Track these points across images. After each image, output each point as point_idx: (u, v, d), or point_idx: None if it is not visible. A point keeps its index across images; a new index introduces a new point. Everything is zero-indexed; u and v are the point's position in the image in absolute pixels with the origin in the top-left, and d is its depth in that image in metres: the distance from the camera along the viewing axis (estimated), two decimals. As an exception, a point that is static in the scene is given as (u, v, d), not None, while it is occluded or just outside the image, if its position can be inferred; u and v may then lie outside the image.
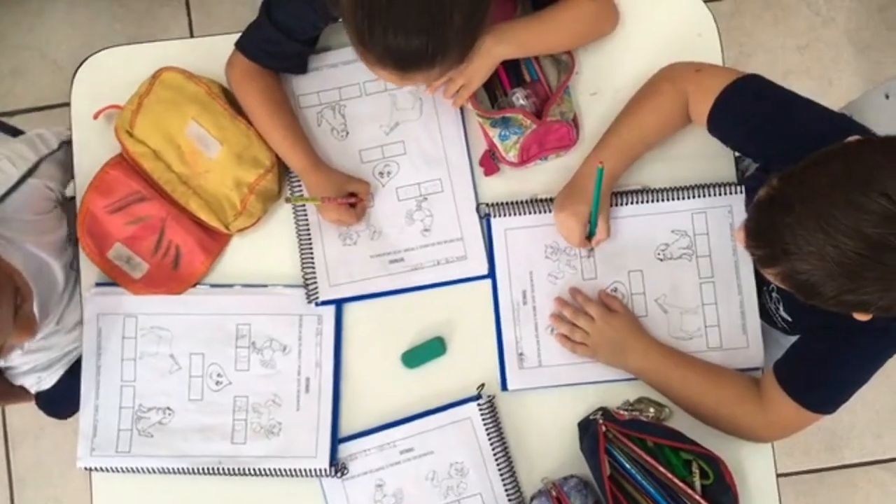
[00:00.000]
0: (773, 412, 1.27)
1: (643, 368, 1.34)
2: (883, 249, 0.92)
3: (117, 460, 1.38)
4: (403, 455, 1.37)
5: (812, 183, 0.97)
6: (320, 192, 1.36)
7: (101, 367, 1.41)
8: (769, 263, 1.02)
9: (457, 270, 1.40)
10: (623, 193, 1.40)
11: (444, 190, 1.41)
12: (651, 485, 1.30)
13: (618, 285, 1.40)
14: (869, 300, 0.97)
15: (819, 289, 0.98)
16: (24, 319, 1.21)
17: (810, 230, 0.95)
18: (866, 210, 0.92)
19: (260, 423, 1.38)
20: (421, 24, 1.10)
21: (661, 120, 1.34)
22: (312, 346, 1.39)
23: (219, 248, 1.42)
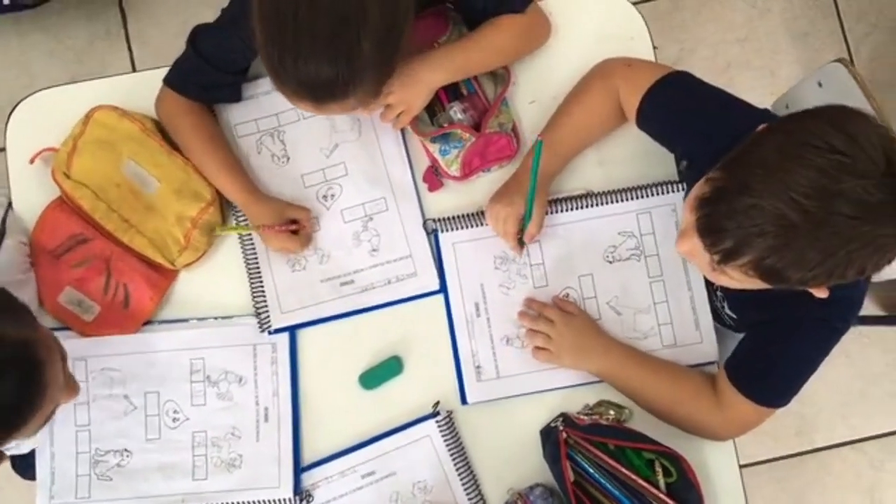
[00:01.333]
0: (729, 410, 1.28)
1: (605, 368, 1.34)
2: (841, 200, 0.92)
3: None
4: (366, 479, 1.36)
5: (760, 158, 0.97)
6: (261, 221, 1.36)
7: (55, 412, 1.38)
8: (736, 254, 1.00)
9: (408, 288, 1.40)
10: (567, 199, 1.41)
11: (388, 209, 1.41)
12: (616, 487, 1.30)
13: (570, 290, 1.40)
14: (841, 270, 0.96)
15: (787, 273, 0.98)
16: (70, 379, 1.17)
17: (776, 198, 0.94)
18: (813, 166, 0.93)
19: (220, 458, 1.36)
20: (329, 54, 1.09)
21: (593, 116, 1.35)
22: (268, 375, 1.38)
23: (167, 284, 1.41)
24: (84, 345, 1.39)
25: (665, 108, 1.29)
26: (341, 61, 1.10)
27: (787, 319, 1.19)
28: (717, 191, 1.01)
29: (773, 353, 1.24)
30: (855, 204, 0.92)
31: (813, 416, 2.36)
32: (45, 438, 1.39)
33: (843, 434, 2.36)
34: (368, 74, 1.13)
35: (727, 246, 1.00)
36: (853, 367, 2.37)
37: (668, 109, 1.29)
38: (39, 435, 1.39)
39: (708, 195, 1.02)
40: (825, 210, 0.93)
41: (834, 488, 2.34)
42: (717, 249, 1.01)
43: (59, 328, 1.40)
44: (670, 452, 1.29)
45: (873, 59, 2.49)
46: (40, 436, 1.39)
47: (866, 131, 0.94)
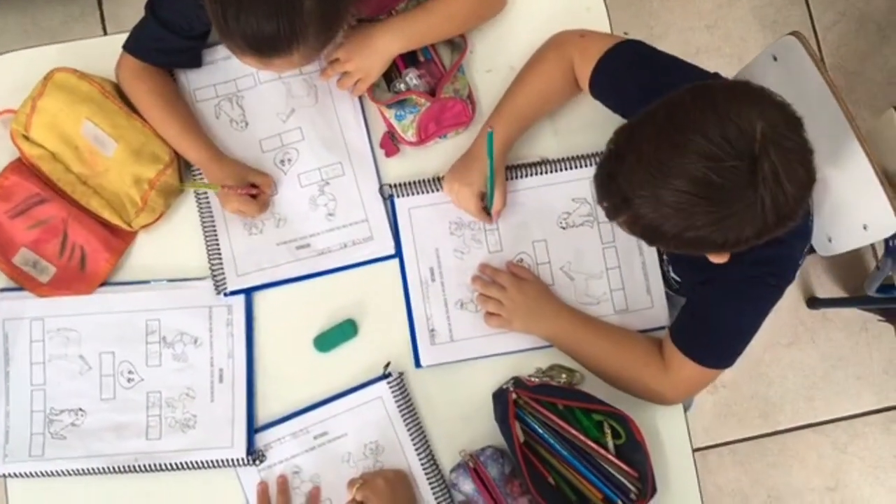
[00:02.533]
0: (675, 373, 1.30)
1: (555, 333, 1.36)
2: (707, 185, 0.97)
3: (31, 465, 1.36)
4: (318, 440, 1.37)
5: (640, 133, 1.03)
6: (222, 181, 1.37)
7: (10, 373, 1.39)
8: (615, 213, 1.08)
9: (363, 252, 1.41)
10: (522, 166, 1.42)
11: (345, 173, 1.42)
12: (564, 448, 1.32)
13: (524, 256, 1.42)
14: (706, 236, 1.01)
15: (661, 230, 1.03)
16: None
17: (642, 176, 1.01)
18: (688, 151, 0.97)
19: (175, 418, 1.37)
20: (271, 9, 1.11)
21: (548, 85, 1.37)
22: (224, 336, 1.39)
23: (124, 246, 1.42)
24: (41, 305, 1.40)
25: (616, 77, 1.31)
26: (283, 17, 1.11)
27: (723, 280, 1.21)
28: (607, 153, 1.07)
29: (712, 314, 1.26)
30: (709, 185, 0.97)
31: (777, 399, 2.39)
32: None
33: (807, 416, 2.39)
34: (311, 30, 1.15)
35: (607, 204, 1.08)
36: (818, 350, 2.40)
37: (619, 77, 1.31)
38: None
39: (602, 156, 1.08)
40: (685, 189, 0.98)
41: (797, 470, 2.37)
42: (602, 206, 1.09)
43: (14, 289, 1.41)
44: (618, 413, 1.30)
45: (840, 46, 2.52)
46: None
47: (743, 111, 0.97)
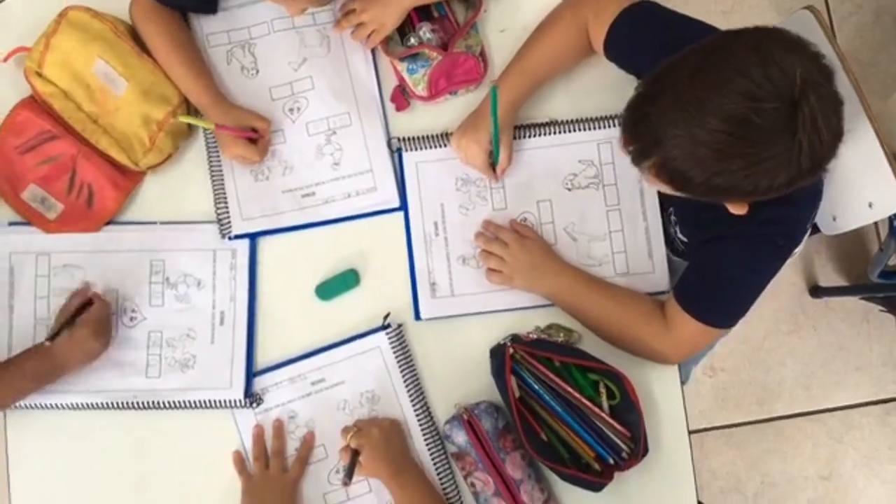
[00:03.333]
0: (676, 331, 1.30)
1: (556, 290, 1.36)
2: (746, 125, 0.96)
3: (32, 397, 1.37)
4: (315, 386, 1.38)
5: (676, 73, 1.02)
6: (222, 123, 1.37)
7: (14, 306, 1.40)
8: (644, 156, 1.05)
9: (367, 202, 1.42)
10: (530, 126, 1.43)
11: (352, 124, 1.43)
12: (559, 404, 1.33)
13: (527, 215, 1.42)
14: (736, 183, 1.00)
15: (689, 175, 1.02)
16: None
17: (677, 115, 0.99)
18: (727, 89, 0.96)
19: (174, 357, 1.38)
20: None
21: (561, 46, 1.37)
22: (227, 279, 1.40)
23: (131, 186, 1.43)
24: (47, 240, 1.41)
25: (629, 37, 1.31)
26: None
27: (732, 238, 1.21)
28: (637, 96, 1.06)
29: (717, 272, 1.26)
30: (747, 126, 0.96)
31: (775, 385, 2.39)
32: (3, 328, 1.40)
33: (804, 404, 2.39)
34: None
35: (636, 147, 1.06)
36: (818, 339, 2.40)
37: (633, 38, 1.31)
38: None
39: (631, 100, 1.07)
40: (723, 129, 0.97)
41: (792, 457, 2.37)
42: (629, 150, 1.07)
43: (21, 223, 1.42)
44: (614, 372, 1.31)
45: (855, 38, 2.51)
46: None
47: (784, 56, 0.96)
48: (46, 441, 1.40)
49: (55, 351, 1.31)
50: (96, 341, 1.32)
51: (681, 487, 1.37)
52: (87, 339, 1.31)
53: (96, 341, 1.32)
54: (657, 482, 1.36)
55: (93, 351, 1.33)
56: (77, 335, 1.31)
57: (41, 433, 1.40)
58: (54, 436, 1.40)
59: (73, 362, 1.32)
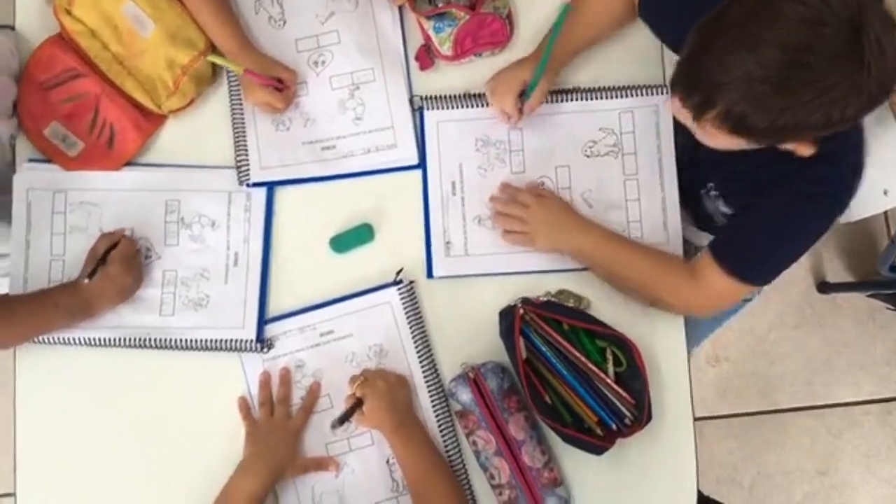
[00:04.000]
0: (707, 285, 1.28)
1: (582, 246, 1.36)
2: (808, 52, 0.94)
3: (55, 333, 1.38)
4: (324, 337, 1.39)
5: (727, 17, 0.99)
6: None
7: (31, 241, 1.41)
8: (705, 107, 1.02)
9: (387, 158, 1.42)
10: (554, 91, 1.43)
11: (376, 79, 1.44)
12: (565, 368, 1.33)
13: (545, 180, 1.43)
14: (804, 118, 0.98)
15: (754, 118, 0.98)
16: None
17: (735, 56, 0.96)
18: (784, 19, 0.94)
19: (188, 296, 1.39)
20: None
21: (604, 10, 1.36)
22: (241, 221, 1.41)
23: (152, 128, 1.43)
24: (65, 177, 1.42)
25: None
26: None
27: (780, 196, 1.19)
28: (689, 49, 1.03)
29: (762, 228, 1.23)
30: (812, 53, 0.94)
31: (777, 379, 2.40)
32: (19, 264, 1.41)
33: (805, 399, 2.39)
34: None
35: (697, 99, 1.03)
36: (823, 335, 2.40)
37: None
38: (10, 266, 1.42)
39: (683, 55, 1.04)
40: (785, 59, 0.95)
41: (790, 450, 2.38)
42: (689, 103, 1.04)
43: (41, 160, 1.42)
44: (622, 338, 1.32)
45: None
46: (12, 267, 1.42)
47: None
48: (55, 376, 1.41)
49: (88, 287, 1.32)
50: (128, 276, 1.33)
51: (681, 457, 1.38)
52: (118, 274, 1.33)
53: (128, 276, 1.33)
54: (658, 451, 1.37)
55: (125, 287, 1.34)
56: (109, 271, 1.32)
57: (50, 368, 1.41)
58: (63, 372, 1.41)
59: (105, 299, 1.34)
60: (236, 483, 1.28)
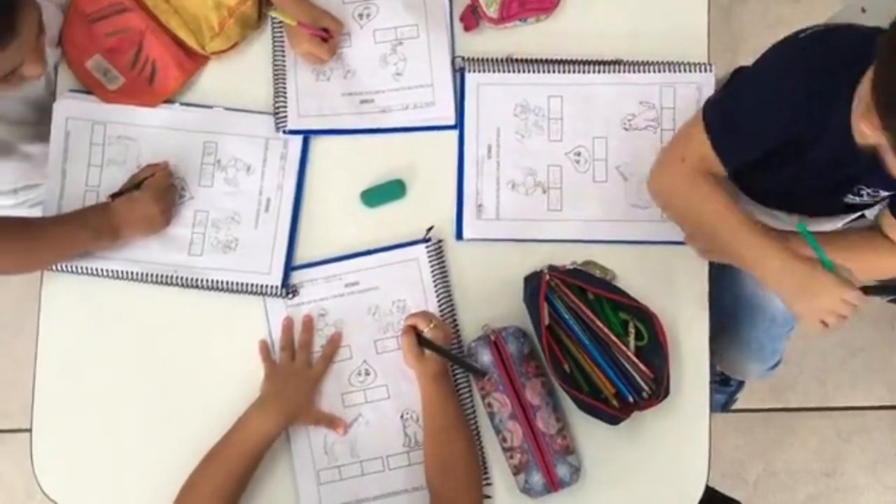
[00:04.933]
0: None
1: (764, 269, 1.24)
2: None
3: (78, 260, 1.39)
4: (348, 288, 1.39)
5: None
6: (296, 19, 1.38)
7: (67, 171, 1.42)
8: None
9: (424, 116, 1.42)
10: (596, 63, 1.43)
11: (419, 36, 1.44)
12: (587, 337, 1.33)
13: (581, 150, 1.42)
14: None
15: None
16: (40, 51, 1.19)
17: None
18: None
19: (218, 238, 1.40)
20: None
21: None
22: (276, 168, 1.41)
23: (194, 68, 1.44)
24: (106, 110, 1.43)
25: None
26: None
27: None
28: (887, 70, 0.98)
29: None
30: None
31: (791, 377, 2.38)
32: (55, 192, 1.42)
33: (817, 400, 2.38)
34: None
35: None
36: (841, 337, 2.38)
37: None
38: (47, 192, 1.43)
39: (882, 77, 0.98)
40: None
41: (798, 450, 2.36)
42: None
43: (82, 91, 1.43)
44: (646, 311, 1.32)
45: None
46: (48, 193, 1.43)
47: None
48: (78, 311, 1.42)
49: (116, 209, 1.33)
50: (156, 206, 1.34)
51: (695, 435, 1.38)
52: (147, 202, 1.33)
53: (156, 206, 1.34)
54: (672, 428, 1.37)
55: (152, 217, 1.35)
56: (138, 196, 1.33)
57: (74, 303, 1.42)
58: (86, 307, 1.42)
59: (132, 226, 1.35)
60: (249, 419, 1.29)
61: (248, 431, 1.28)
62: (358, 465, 1.35)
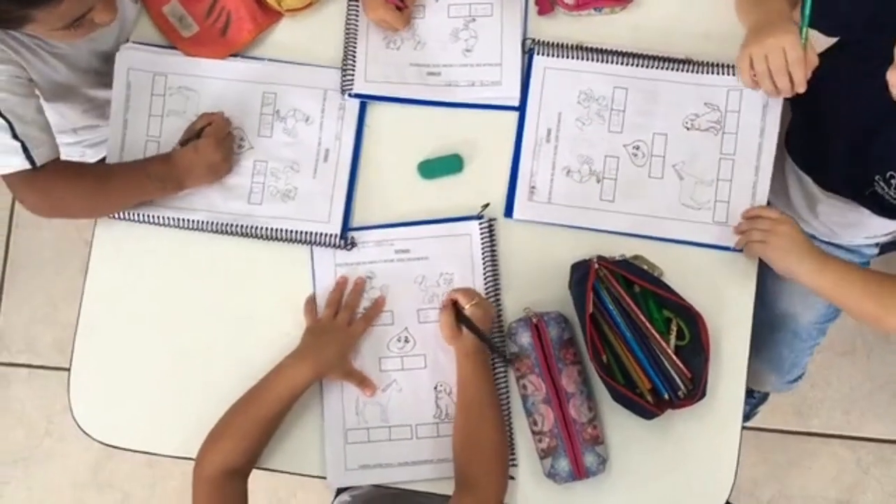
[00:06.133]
0: None
1: (817, 282, 1.32)
2: None
3: (135, 208, 1.41)
4: (398, 255, 1.40)
5: None
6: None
7: (128, 121, 1.44)
8: None
9: (488, 94, 1.43)
10: (665, 59, 1.42)
11: (493, 15, 1.44)
12: (629, 329, 1.33)
13: (640, 144, 1.42)
14: None
15: None
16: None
17: None
18: None
19: (277, 187, 1.41)
20: None
21: None
22: (334, 119, 1.42)
23: (267, 23, 1.45)
24: (167, 61, 1.44)
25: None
26: None
27: None
28: None
29: None
30: None
31: (816, 401, 2.37)
32: (116, 142, 1.44)
33: (839, 427, 2.36)
34: None
35: None
36: (869, 367, 2.37)
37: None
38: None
39: None
40: None
41: (815, 475, 2.35)
42: None
43: (142, 43, 1.45)
44: (691, 311, 1.31)
45: None
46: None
47: None
48: (128, 249, 1.44)
49: (179, 158, 1.36)
50: (217, 153, 1.36)
51: (725, 444, 1.37)
52: (209, 149, 1.35)
53: (217, 153, 1.36)
54: (703, 432, 1.37)
55: (214, 164, 1.37)
56: (200, 144, 1.35)
57: (125, 241, 1.44)
58: (137, 245, 1.44)
59: (195, 174, 1.37)
60: (285, 367, 1.31)
61: (282, 378, 1.30)
62: (386, 429, 1.36)
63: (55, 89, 1.39)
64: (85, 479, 2.32)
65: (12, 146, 1.22)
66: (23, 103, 1.24)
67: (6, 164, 1.24)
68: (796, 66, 1.22)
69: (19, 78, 1.25)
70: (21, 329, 2.38)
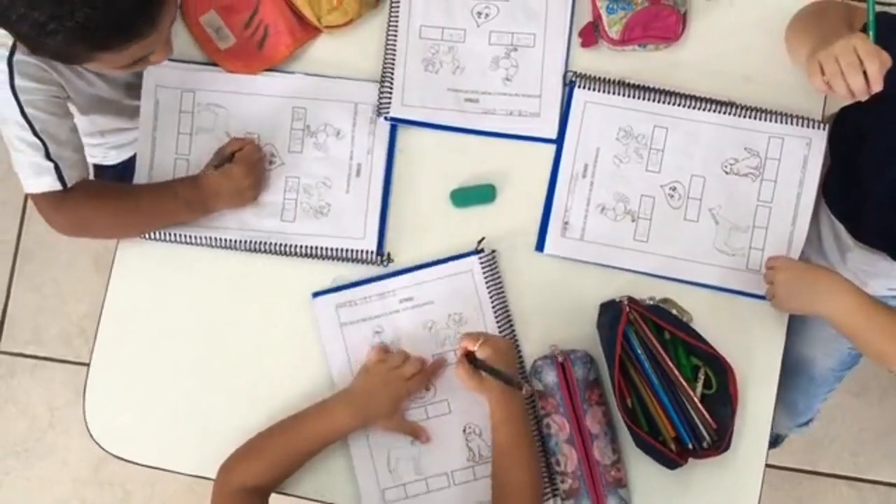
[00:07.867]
0: None
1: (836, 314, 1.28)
2: None
3: (175, 228, 1.39)
4: (403, 304, 1.37)
5: None
6: None
7: (157, 139, 1.41)
8: None
9: (526, 125, 1.41)
10: (708, 101, 1.40)
11: (535, 45, 1.42)
12: (656, 375, 1.31)
13: (677, 185, 1.40)
14: None
15: None
16: (169, 40, 1.23)
17: None
18: None
19: (310, 204, 1.39)
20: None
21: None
22: (365, 134, 1.40)
23: (306, 38, 1.43)
24: (195, 77, 1.42)
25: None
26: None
27: None
28: None
29: None
30: None
31: (825, 441, 2.35)
32: (145, 160, 1.42)
33: (848, 469, 2.35)
34: None
35: None
36: (882, 410, 2.35)
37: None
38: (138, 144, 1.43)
39: None
40: None
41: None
42: None
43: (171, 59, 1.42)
44: (721, 361, 1.29)
45: None
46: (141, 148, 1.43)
47: None
48: (152, 266, 1.42)
49: (208, 181, 1.34)
50: (246, 179, 1.34)
51: (745, 496, 1.35)
52: (238, 175, 1.33)
53: (246, 179, 1.34)
54: (724, 483, 1.34)
55: (242, 190, 1.35)
56: (230, 170, 1.33)
57: (149, 258, 1.42)
58: (160, 264, 1.42)
59: (222, 198, 1.35)
60: (330, 409, 1.28)
61: (327, 418, 1.27)
62: (423, 482, 1.33)
63: (92, 102, 1.38)
64: (86, 475, 2.30)
65: (45, 167, 1.22)
66: (58, 123, 1.23)
67: (37, 184, 1.24)
68: (869, 59, 1.11)
69: (58, 98, 1.25)
70: (30, 319, 2.36)
